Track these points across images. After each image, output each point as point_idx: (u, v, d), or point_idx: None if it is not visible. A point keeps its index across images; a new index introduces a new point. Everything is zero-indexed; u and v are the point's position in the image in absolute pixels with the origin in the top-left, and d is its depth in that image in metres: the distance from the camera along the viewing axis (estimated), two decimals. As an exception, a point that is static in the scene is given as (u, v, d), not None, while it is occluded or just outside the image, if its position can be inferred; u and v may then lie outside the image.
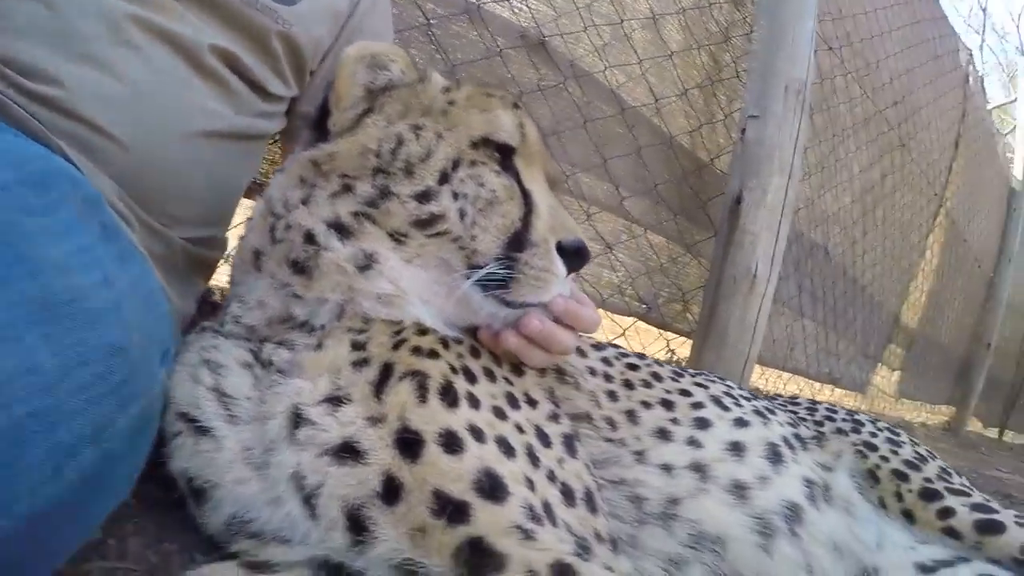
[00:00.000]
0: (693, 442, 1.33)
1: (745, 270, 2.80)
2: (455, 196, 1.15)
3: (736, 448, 1.35)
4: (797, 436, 1.51)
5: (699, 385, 1.53)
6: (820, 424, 1.78)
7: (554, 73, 2.52)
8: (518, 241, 1.15)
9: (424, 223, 1.13)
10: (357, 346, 1.05)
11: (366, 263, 1.11)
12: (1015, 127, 9.45)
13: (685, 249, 3.13)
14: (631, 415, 1.35)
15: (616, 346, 1.69)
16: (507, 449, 0.97)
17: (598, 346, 1.55)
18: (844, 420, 1.78)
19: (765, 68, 2.88)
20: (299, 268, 1.12)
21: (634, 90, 2.78)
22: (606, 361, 1.48)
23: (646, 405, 1.39)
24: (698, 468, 1.28)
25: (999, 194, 7.85)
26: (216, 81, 1.26)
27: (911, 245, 5.80)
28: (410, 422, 0.94)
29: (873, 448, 1.65)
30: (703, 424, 1.38)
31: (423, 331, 1.10)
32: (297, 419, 0.97)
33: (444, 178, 1.16)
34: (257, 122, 1.38)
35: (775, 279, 2.91)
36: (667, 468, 1.26)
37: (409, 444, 0.92)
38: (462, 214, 1.14)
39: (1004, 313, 7.99)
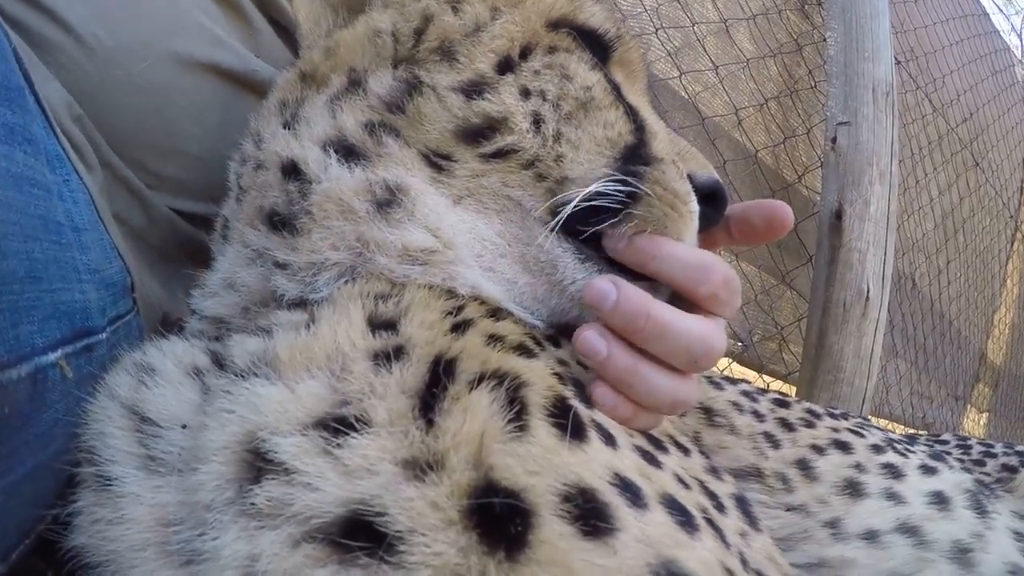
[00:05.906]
0: (893, 496, 1.00)
1: (856, 292, 2.45)
2: (525, 94, 0.73)
3: (940, 500, 1.03)
4: (979, 481, 1.21)
5: (862, 425, 1.20)
6: (981, 463, 1.46)
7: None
8: (636, 156, 0.73)
9: (475, 133, 0.71)
10: (379, 323, 0.60)
11: (387, 198, 0.69)
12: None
13: (779, 279, 2.80)
14: (804, 466, 1.01)
15: (744, 380, 1.35)
16: (685, 520, 0.51)
17: (727, 378, 1.21)
18: (1007, 454, 1.47)
19: (848, 71, 2.62)
20: (278, 222, 0.71)
21: (712, 101, 2.53)
22: (748, 395, 1.14)
23: (818, 450, 1.05)
24: (909, 531, 0.96)
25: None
26: (228, 4, 0.98)
27: (992, 273, 5.39)
28: (498, 472, 0.47)
29: None
30: (894, 472, 1.05)
31: (494, 310, 0.67)
32: (256, 462, 0.51)
33: (506, 66, 0.75)
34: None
35: (887, 301, 2.56)
36: (872, 537, 0.93)
37: (500, 517, 0.45)
38: (537, 121, 0.72)
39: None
